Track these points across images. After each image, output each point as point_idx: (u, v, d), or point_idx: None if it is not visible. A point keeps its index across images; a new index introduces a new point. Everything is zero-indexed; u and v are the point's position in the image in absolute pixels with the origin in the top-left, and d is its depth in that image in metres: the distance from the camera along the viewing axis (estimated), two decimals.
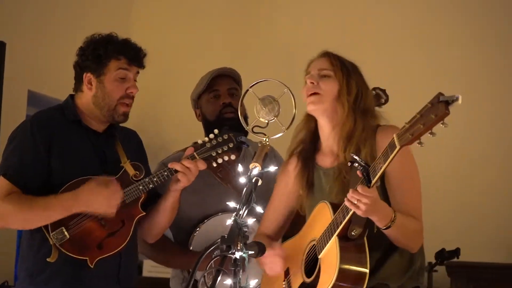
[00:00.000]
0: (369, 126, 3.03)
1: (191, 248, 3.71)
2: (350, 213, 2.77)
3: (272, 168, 2.86)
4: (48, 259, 3.20)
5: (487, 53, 5.68)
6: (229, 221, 2.67)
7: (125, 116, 3.35)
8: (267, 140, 2.91)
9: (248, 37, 6.11)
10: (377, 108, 3.78)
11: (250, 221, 2.70)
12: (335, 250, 2.84)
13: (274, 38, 6.07)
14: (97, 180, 3.23)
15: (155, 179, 3.28)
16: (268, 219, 3.28)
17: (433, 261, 4.90)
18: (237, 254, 2.60)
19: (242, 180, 2.81)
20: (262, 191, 2.88)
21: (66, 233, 3.21)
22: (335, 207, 2.90)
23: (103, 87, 3.31)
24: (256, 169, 2.80)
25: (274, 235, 3.27)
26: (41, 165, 3.24)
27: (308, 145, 3.16)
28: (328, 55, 3.10)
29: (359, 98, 3.06)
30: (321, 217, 2.98)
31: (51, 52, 5.28)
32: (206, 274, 2.79)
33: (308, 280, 2.97)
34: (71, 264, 3.22)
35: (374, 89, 3.81)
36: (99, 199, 3.20)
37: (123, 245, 3.27)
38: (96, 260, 3.23)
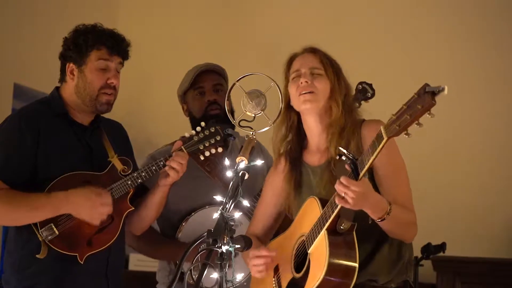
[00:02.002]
0: (355, 121, 3.05)
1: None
2: (339, 206, 2.76)
3: (258, 162, 2.86)
4: (37, 256, 3.20)
5: (475, 47, 5.69)
6: (216, 215, 2.66)
7: (109, 105, 3.34)
8: (254, 134, 2.91)
9: (234, 31, 6.10)
10: (363, 103, 3.80)
11: (237, 214, 2.69)
12: (324, 244, 2.83)
13: (260, 32, 6.06)
14: (92, 189, 3.23)
15: (143, 173, 3.28)
16: (258, 220, 3.28)
17: (419, 255, 4.89)
18: (224, 248, 2.60)
19: (229, 173, 2.81)
20: (248, 184, 2.88)
21: (55, 229, 3.21)
22: (324, 202, 2.90)
23: (84, 77, 3.30)
24: (242, 163, 2.80)
25: (263, 236, 3.27)
26: (28, 161, 3.23)
27: (295, 144, 3.16)
28: (316, 52, 3.10)
29: (347, 96, 3.08)
30: (310, 212, 2.98)
31: (37, 45, 5.26)
32: (192, 267, 2.79)
33: (297, 275, 2.97)
34: (60, 260, 3.22)
35: (361, 83, 3.83)
36: (87, 207, 3.20)
37: (112, 241, 3.27)
38: (86, 256, 3.22)
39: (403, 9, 5.84)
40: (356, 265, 2.82)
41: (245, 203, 3.18)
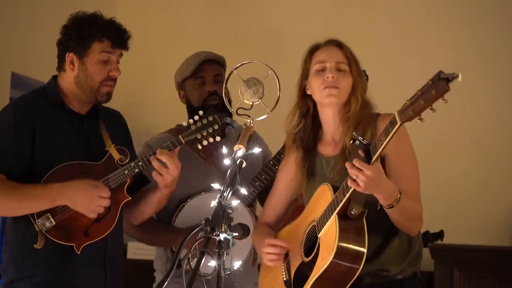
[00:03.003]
0: (371, 115, 3.09)
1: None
2: (350, 190, 2.79)
3: (256, 150, 2.86)
4: (35, 246, 3.20)
5: (476, 40, 5.70)
6: (214, 203, 2.67)
7: (109, 95, 3.33)
8: (251, 122, 2.91)
9: (232, 19, 6.10)
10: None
11: (235, 202, 2.70)
12: (334, 228, 2.86)
13: (258, 20, 6.06)
14: (89, 181, 3.22)
15: (140, 163, 3.27)
16: (270, 208, 3.31)
17: None
18: (222, 236, 2.60)
19: (226, 161, 2.81)
20: (246, 173, 2.88)
21: (52, 219, 3.20)
22: (336, 189, 2.93)
23: (85, 69, 3.28)
24: (240, 151, 2.80)
25: (275, 225, 3.29)
26: (24, 152, 3.22)
27: (310, 133, 3.18)
28: (342, 47, 3.14)
29: (366, 90, 3.15)
30: (322, 198, 3.00)
31: (34, 34, 5.25)
32: (190, 256, 2.79)
33: (306, 260, 3.00)
34: (58, 250, 3.22)
35: None
36: (83, 199, 3.18)
37: (109, 231, 3.26)
38: (83, 246, 3.22)
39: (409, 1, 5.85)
40: (365, 250, 2.84)
41: (243, 191, 3.20)
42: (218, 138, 3.31)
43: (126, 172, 3.26)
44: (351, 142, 2.79)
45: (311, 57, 3.16)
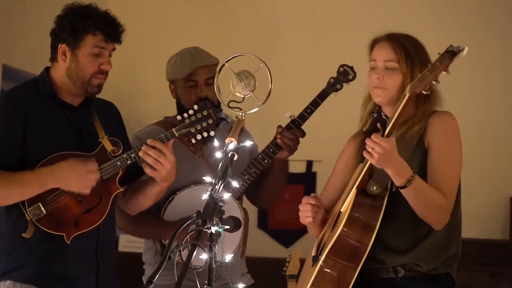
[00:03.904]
0: (426, 111, 3.07)
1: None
2: (367, 164, 2.85)
3: (248, 143, 2.86)
4: (23, 235, 3.20)
5: (473, 36, 5.72)
6: (205, 196, 2.67)
7: (99, 87, 3.33)
8: (243, 115, 2.91)
9: (223, 12, 6.09)
10: (345, 85, 3.81)
11: (226, 195, 2.70)
12: (351, 200, 2.92)
13: (250, 13, 6.06)
14: (75, 158, 3.22)
15: (133, 155, 3.27)
16: (327, 193, 3.31)
17: None
18: (213, 229, 2.60)
19: (218, 154, 2.81)
20: (237, 165, 2.88)
21: (42, 208, 3.20)
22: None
23: (77, 61, 3.28)
24: (232, 144, 2.80)
25: (330, 208, 3.27)
26: (16, 143, 3.22)
27: (370, 126, 3.17)
28: (391, 41, 3.10)
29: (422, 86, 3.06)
30: (355, 176, 3.04)
31: (25, 26, 5.24)
32: (181, 248, 2.79)
33: (331, 233, 3.02)
34: (48, 240, 3.22)
35: (342, 66, 3.84)
36: (74, 176, 3.19)
37: (99, 222, 3.27)
38: (73, 236, 3.22)
39: None
40: (377, 224, 2.87)
41: (234, 184, 3.20)
42: (212, 133, 3.31)
43: (119, 163, 3.26)
44: (370, 115, 2.89)
45: (370, 53, 3.16)
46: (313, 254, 3.12)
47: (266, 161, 3.73)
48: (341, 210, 3.00)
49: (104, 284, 3.35)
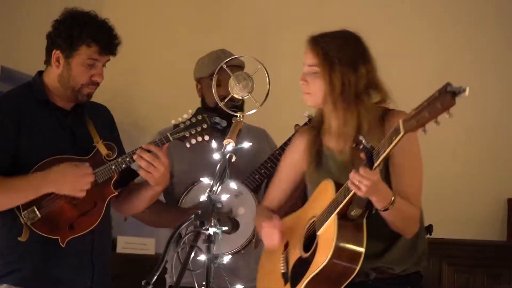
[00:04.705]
0: (376, 112, 3.01)
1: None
2: (351, 193, 2.80)
3: (246, 145, 2.87)
4: (19, 238, 3.19)
5: (468, 37, 5.73)
6: (203, 197, 2.68)
7: (89, 96, 3.33)
8: (241, 116, 2.92)
9: (221, 13, 6.09)
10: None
11: (224, 197, 2.71)
12: (333, 228, 2.86)
13: (248, 14, 6.06)
14: (69, 162, 3.22)
15: (127, 159, 3.27)
16: (272, 193, 3.31)
17: None
18: (211, 230, 2.61)
19: (216, 156, 2.82)
20: (240, 167, 2.90)
21: (37, 212, 3.20)
22: (338, 186, 2.92)
23: (69, 69, 3.28)
24: (230, 145, 2.81)
25: (276, 209, 3.29)
26: (9, 147, 3.22)
27: (318, 122, 3.16)
28: (313, 45, 3.04)
29: (346, 88, 3.00)
30: (324, 194, 3.00)
31: (24, 27, 5.24)
32: (180, 250, 2.79)
33: (305, 255, 3.01)
34: (43, 243, 3.21)
35: None
36: (68, 180, 3.18)
37: (94, 225, 3.26)
38: (67, 239, 3.22)
39: None
40: (363, 250, 2.85)
41: (232, 185, 3.22)
42: (206, 137, 3.31)
43: (113, 167, 3.26)
44: (354, 145, 2.77)
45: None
46: (282, 270, 3.11)
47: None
48: (318, 234, 2.96)
49: (99, 286, 3.35)
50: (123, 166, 3.26)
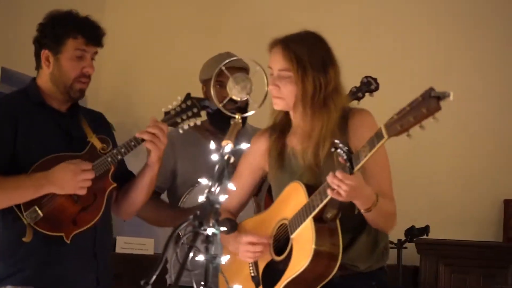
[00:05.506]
0: (333, 113, 3.00)
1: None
2: (328, 197, 2.79)
3: (244, 146, 2.89)
4: (23, 239, 3.21)
5: (459, 37, 5.75)
6: (201, 198, 2.70)
7: (81, 92, 3.37)
8: (239, 117, 2.94)
9: (220, 15, 6.11)
10: (367, 95, 3.85)
11: (223, 198, 2.72)
12: (310, 231, 2.86)
13: (247, 16, 6.08)
14: (68, 162, 3.24)
15: (122, 149, 3.30)
16: (233, 196, 3.23)
17: (403, 238, 4.96)
18: (209, 231, 2.63)
19: (214, 157, 2.84)
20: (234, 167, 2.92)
21: (39, 211, 3.22)
22: (309, 188, 2.92)
23: (59, 65, 3.33)
24: (228, 146, 2.83)
25: (235, 211, 3.29)
26: (7, 149, 3.26)
27: (280, 123, 3.16)
28: (284, 48, 3.01)
29: (317, 91, 3.00)
30: (293, 197, 2.99)
31: (24, 29, 5.24)
32: (178, 250, 2.81)
33: (278, 258, 3.01)
34: (46, 242, 3.24)
35: (366, 77, 3.94)
36: (69, 179, 3.21)
37: (97, 218, 3.29)
38: (72, 235, 3.25)
39: None
40: (340, 251, 2.87)
41: (231, 186, 3.23)
42: (198, 122, 3.36)
43: (109, 159, 3.29)
44: (332, 150, 2.75)
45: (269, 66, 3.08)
46: (252, 274, 3.11)
47: None
48: (292, 237, 2.95)
49: (104, 282, 3.38)
50: (119, 157, 3.29)
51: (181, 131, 3.38)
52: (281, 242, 3.03)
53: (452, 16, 5.78)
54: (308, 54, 3.00)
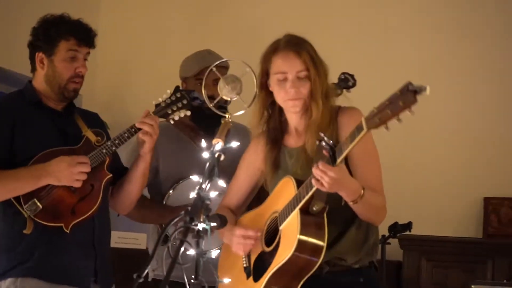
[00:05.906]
0: (331, 109, 3.11)
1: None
2: (314, 188, 2.86)
3: (234, 144, 2.95)
4: (24, 231, 3.29)
5: (447, 38, 5.81)
6: (193, 194, 2.76)
7: (75, 92, 3.46)
8: (229, 117, 3.02)
9: (212, 17, 6.14)
10: (344, 91, 3.92)
11: (213, 194, 2.79)
12: (296, 222, 2.93)
13: (237, 18, 6.12)
14: (64, 155, 3.33)
15: (117, 141, 3.39)
16: (232, 193, 3.36)
17: (387, 234, 5.00)
18: (200, 226, 2.70)
19: (205, 155, 2.91)
20: (225, 165, 2.98)
21: (38, 204, 3.30)
22: (299, 182, 2.99)
23: (53, 67, 3.42)
24: (219, 145, 2.90)
25: (236, 209, 3.36)
26: (5, 147, 3.34)
27: (276, 124, 3.22)
28: (298, 52, 3.08)
29: (324, 88, 3.11)
30: (285, 191, 3.06)
31: (20, 28, 5.27)
32: (170, 245, 2.87)
33: (267, 249, 3.08)
34: (46, 233, 3.31)
35: (343, 73, 3.97)
36: (65, 171, 3.29)
37: (95, 208, 3.36)
38: (71, 225, 3.32)
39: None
40: (324, 244, 2.92)
41: (221, 183, 3.32)
42: (188, 113, 3.46)
43: (104, 151, 3.38)
44: (317, 142, 2.82)
45: (271, 58, 3.13)
46: (244, 265, 3.18)
47: None
48: (280, 228, 3.04)
49: (102, 271, 3.45)
50: (114, 148, 3.39)
51: (172, 122, 3.47)
52: (272, 234, 3.11)
53: (445, 13, 5.82)
54: (313, 50, 3.11)
